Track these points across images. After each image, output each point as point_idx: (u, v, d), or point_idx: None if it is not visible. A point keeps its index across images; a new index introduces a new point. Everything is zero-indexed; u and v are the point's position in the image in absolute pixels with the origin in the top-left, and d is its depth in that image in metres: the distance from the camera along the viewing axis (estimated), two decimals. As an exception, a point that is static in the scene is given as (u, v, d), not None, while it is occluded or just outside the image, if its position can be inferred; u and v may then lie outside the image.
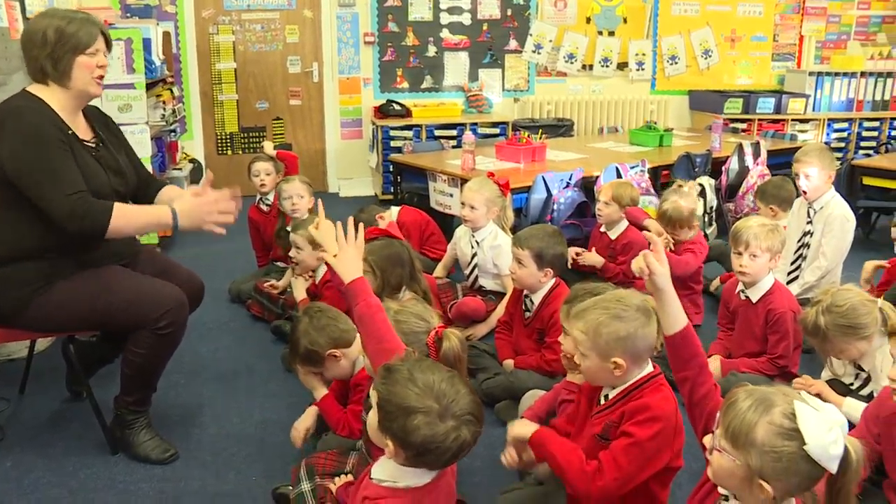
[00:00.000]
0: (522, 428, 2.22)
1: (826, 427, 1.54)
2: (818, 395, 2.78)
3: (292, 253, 3.81)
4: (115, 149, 2.95)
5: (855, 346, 2.66)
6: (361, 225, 2.27)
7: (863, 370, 2.75)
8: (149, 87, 5.34)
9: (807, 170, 4.17)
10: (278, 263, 4.62)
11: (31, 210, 2.61)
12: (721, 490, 1.76)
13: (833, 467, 1.55)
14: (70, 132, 2.71)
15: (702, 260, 4.11)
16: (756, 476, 1.59)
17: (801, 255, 4.27)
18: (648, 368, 2.14)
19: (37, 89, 2.72)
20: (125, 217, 2.68)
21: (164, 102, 5.88)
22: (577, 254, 4.43)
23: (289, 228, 4.25)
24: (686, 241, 4.09)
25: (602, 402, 2.20)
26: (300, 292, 3.82)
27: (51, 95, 2.71)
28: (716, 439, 1.67)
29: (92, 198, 2.63)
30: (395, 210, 4.63)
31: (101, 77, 2.78)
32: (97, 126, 2.91)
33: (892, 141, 7.71)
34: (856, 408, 2.64)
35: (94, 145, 2.82)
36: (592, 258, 4.38)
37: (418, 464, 1.78)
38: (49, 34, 2.64)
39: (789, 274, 4.26)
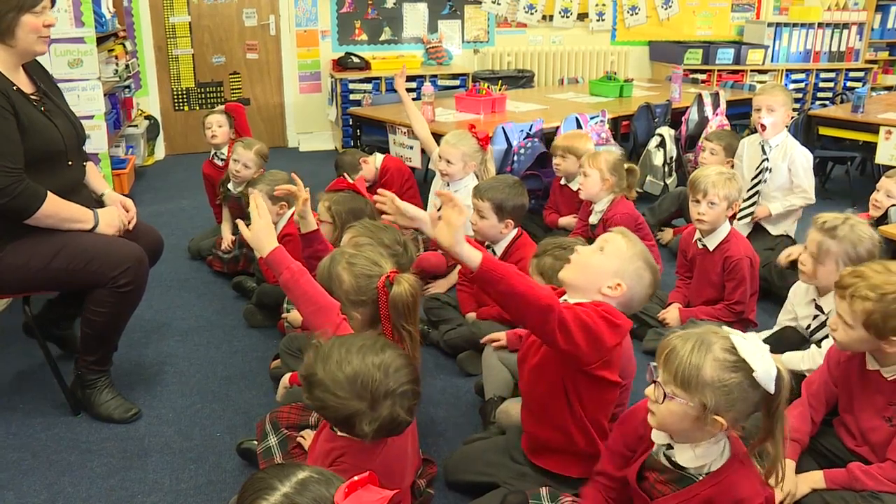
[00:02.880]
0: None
1: (761, 353, 1.67)
2: None
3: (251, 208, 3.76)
4: (58, 98, 2.89)
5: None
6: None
7: (822, 312, 2.81)
8: (100, 41, 5.20)
9: (771, 103, 4.23)
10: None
11: None
12: (658, 440, 1.85)
13: (772, 388, 1.67)
14: (15, 88, 2.63)
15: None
16: (710, 413, 1.68)
17: (757, 192, 4.34)
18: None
19: None
20: (55, 208, 2.66)
21: (116, 57, 5.74)
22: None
23: (230, 187, 4.27)
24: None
25: None
26: None
27: None
28: (663, 387, 1.74)
29: (29, 181, 2.57)
30: (379, 156, 4.63)
31: (48, 35, 2.69)
32: (38, 79, 2.82)
33: (847, 92, 7.79)
34: (791, 359, 2.72)
35: (38, 98, 2.75)
36: (568, 222, 4.41)
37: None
38: None
39: (744, 210, 4.33)
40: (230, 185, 4.28)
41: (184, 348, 3.49)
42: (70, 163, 2.83)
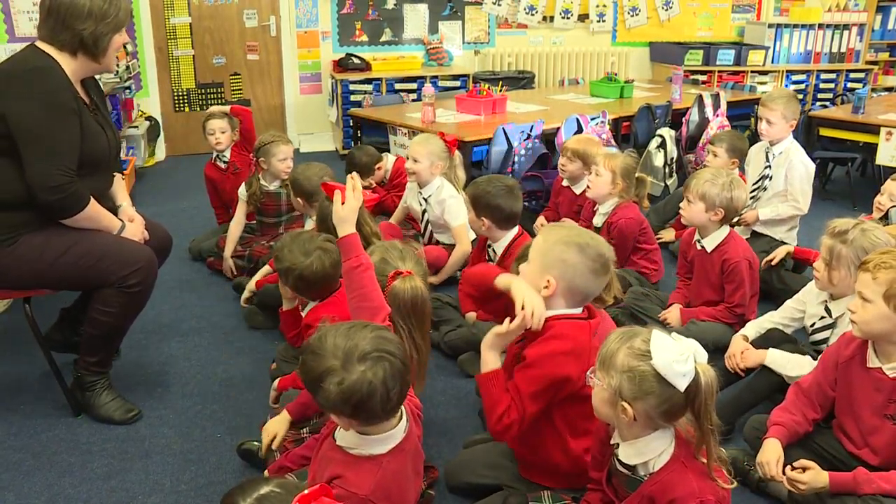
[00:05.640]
0: (486, 354, 2.21)
1: (676, 351, 1.71)
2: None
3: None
4: (105, 110, 2.96)
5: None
6: (358, 179, 2.28)
7: (830, 315, 2.81)
8: (100, 42, 5.19)
9: (770, 116, 4.23)
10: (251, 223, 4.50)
11: (19, 161, 2.58)
12: (612, 440, 1.93)
13: (680, 384, 1.71)
14: (79, 97, 2.69)
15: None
16: (619, 398, 1.75)
17: (756, 197, 4.35)
18: (577, 310, 2.17)
19: (50, 50, 2.65)
20: (93, 212, 2.71)
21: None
22: (541, 224, 4.48)
23: (264, 182, 4.22)
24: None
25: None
26: None
27: (66, 60, 2.66)
28: (590, 371, 1.85)
29: (79, 183, 2.63)
30: (390, 157, 4.68)
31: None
32: (90, 89, 2.88)
33: (848, 93, 7.79)
34: (778, 359, 2.74)
35: (91, 108, 2.80)
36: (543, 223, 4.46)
37: (369, 423, 1.77)
38: (94, 9, 2.62)
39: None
40: (263, 181, 4.22)
41: (184, 349, 3.49)
42: (112, 174, 2.94)
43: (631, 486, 1.88)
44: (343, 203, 2.17)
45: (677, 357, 1.70)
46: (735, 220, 4.00)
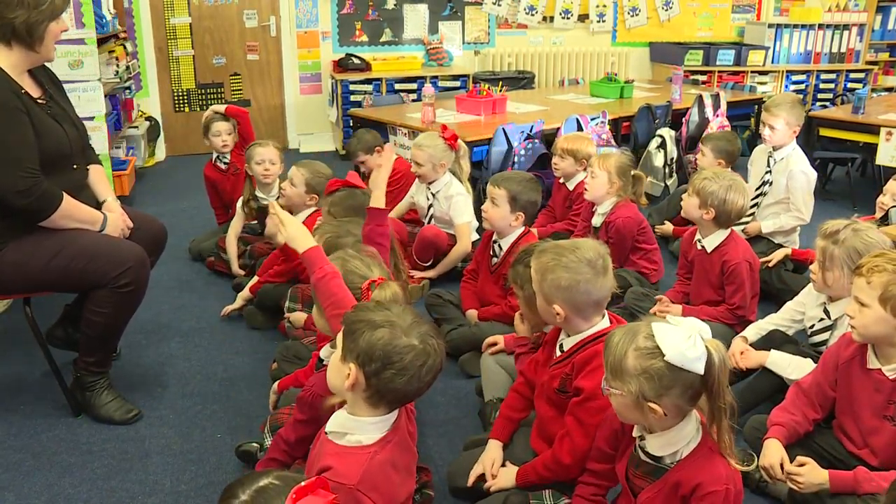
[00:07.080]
0: (506, 480, 2.31)
1: (683, 336, 1.70)
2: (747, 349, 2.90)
3: (284, 185, 3.77)
4: (64, 101, 2.89)
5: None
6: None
7: (828, 317, 2.81)
8: (100, 42, 5.19)
9: (772, 122, 4.21)
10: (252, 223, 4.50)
11: None
12: (635, 433, 1.90)
13: (698, 368, 1.70)
14: (23, 92, 2.64)
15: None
16: (643, 401, 1.73)
17: (757, 204, 4.35)
18: (605, 323, 2.21)
19: None
20: (70, 210, 2.69)
21: (117, 59, 5.73)
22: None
23: (258, 194, 4.21)
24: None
25: (558, 353, 2.27)
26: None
27: (1, 53, 2.61)
28: (604, 381, 1.82)
29: (46, 182, 2.59)
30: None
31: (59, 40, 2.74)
32: (44, 81, 2.83)
33: (848, 93, 7.79)
34: (779, 360, 2.75)
35: (44, 101, 2.75)
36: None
37: (377, 392, 1.75)
38: None
39: (741, 222, 4.31)
40: (258, 193, 4.22)
41: (184, 349, 3.49)
42: (75, 166, 2.85)
43: (655, 475, 1.86)
44: (284, 223, 2.22)
45: (686, 343, 1.69)
46: (741, 228, 4.02)
